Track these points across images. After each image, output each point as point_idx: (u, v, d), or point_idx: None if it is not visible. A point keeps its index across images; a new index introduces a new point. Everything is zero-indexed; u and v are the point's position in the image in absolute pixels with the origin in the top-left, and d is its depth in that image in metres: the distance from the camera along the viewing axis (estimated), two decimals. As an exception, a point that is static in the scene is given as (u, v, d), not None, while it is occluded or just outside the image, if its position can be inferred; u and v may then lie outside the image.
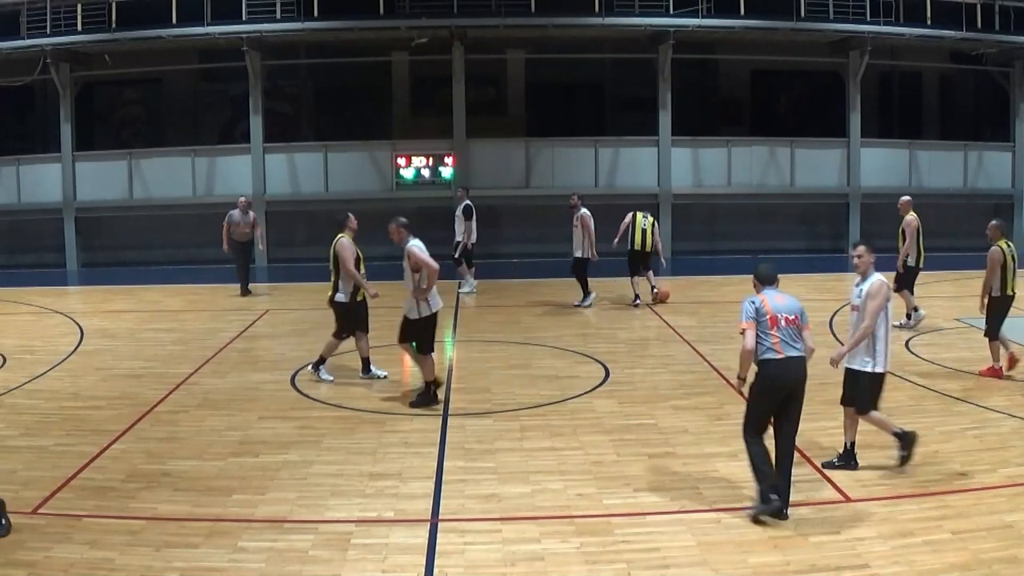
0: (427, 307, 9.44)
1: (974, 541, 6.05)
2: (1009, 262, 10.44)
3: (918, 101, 24.95)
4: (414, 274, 9.37)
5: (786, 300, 6.90)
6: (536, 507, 6.85)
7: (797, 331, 6.76)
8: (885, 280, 7.39)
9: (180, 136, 22.77)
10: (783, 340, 6.68)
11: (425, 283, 9.33)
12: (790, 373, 6.70)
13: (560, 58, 22.40)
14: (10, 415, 9.30)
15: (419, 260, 9.31)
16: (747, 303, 6.85)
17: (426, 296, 9.35)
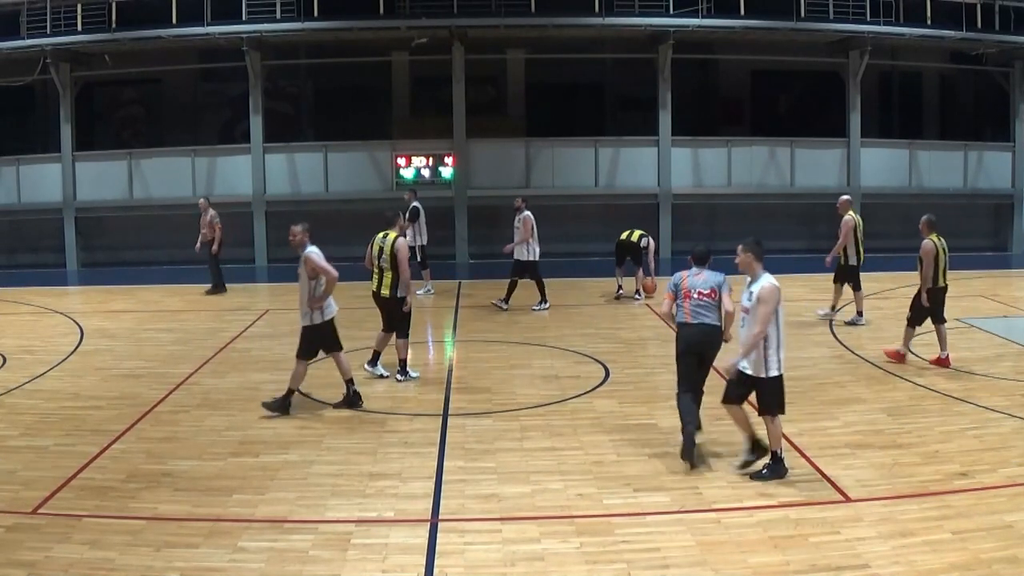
0: (320, 315, 9.21)
1: (974, 541, 6.05)
2: (941, 255, 11.19)
3: (918, 101, 24.95)
4: (310, 281, 9.17)
5: (705, 277, 8.16)
6: (536, 507, 6.85)
7: (712, 303, 8.02)
8: (776, 284, 7.17)
9: (180, 136, 22.77)
10: (693, 310, 8.04)
11: (321, 291, 9.12)
12: (698, 336, 8.04)
13: (560, 58, 22.40)
14: (10, 415, 9.31)
15: (317, 267, 9.12)
16: (671, 279, 8.31)
17: (321, 304, 9.15)
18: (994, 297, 15.98)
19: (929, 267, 11.14)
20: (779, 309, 7.17)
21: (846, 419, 8.88)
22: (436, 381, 10.80)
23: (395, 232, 10.63)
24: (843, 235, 13.56)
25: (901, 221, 23.15)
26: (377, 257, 10.64)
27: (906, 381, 10.26)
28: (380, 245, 10.63)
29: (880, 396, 9.68)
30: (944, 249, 11.30)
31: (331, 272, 9.14)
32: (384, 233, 10.70)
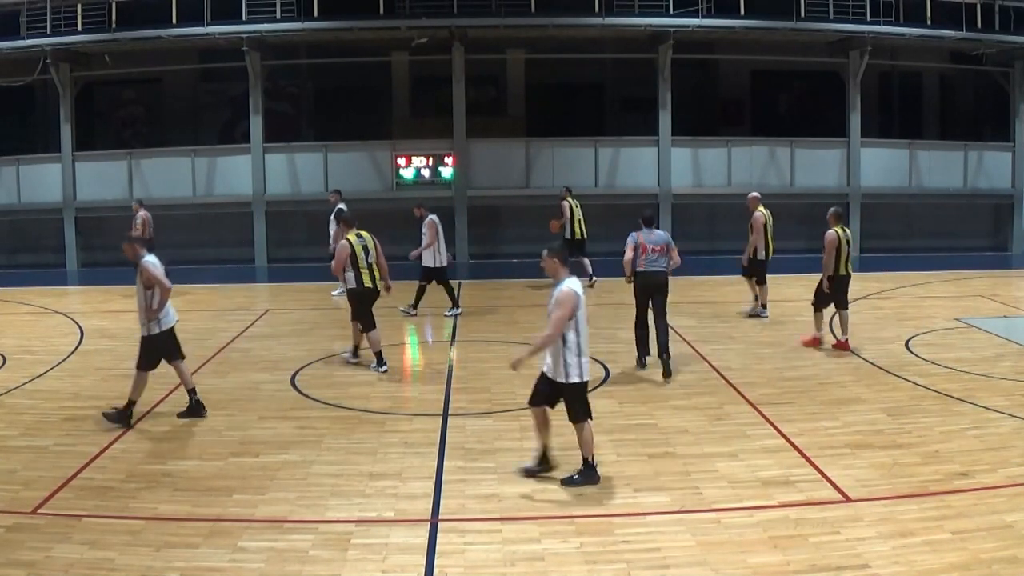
0: (158, 325, 9.06)
1: (974, 541, 6.05)
2: (843, 245, 11.89)
3: (918, 101, 24.96)
4: (146, 291, 9.08)
5: (655, 235, 10.88)
6: (536, 507, 6.85)
7: (662, 254, 10.76)
8: (574, 289, 7.08)
9: (180, 136, 22.78)
10: (648, 260, 10.70)
11: (156, 301, 9.01)
12: (652, 279, 10.78)
13: (560, 58, 22.40)
14: (10, 415, 9.30)
15: (152, 277, 9.04)
16: (630, 236, 10.78)
17: (157, 315, 9.03)
18: (994, 297, 15.98)
19: (831, 256, 11.79)
20: (579, 315, 7.09)
21: (846, 419, 8.87)
22: (436, 381, 10.79)
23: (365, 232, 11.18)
24: (756, 231, 13.88)
25: (901, 221, 23.22)
26: (365, 256, 10.98)
27: (906, 381, 10.26)
28: (365, 244, 11.07)
29: (880, 396, 9.68)
30: (848, 241, 12.00)
31: (164, 283, 9.02)
32: (358, 233, 11.15)
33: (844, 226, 12.17)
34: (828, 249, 11.80)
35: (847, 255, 12.01)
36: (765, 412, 9.13)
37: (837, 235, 11.84)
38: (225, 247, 22.18)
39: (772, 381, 10.39)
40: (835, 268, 11.89)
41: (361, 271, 10.90)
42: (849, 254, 12.08)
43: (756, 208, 14.13)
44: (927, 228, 23.25)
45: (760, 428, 8.67)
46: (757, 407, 9.33)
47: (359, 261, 10.89)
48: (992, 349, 11.93)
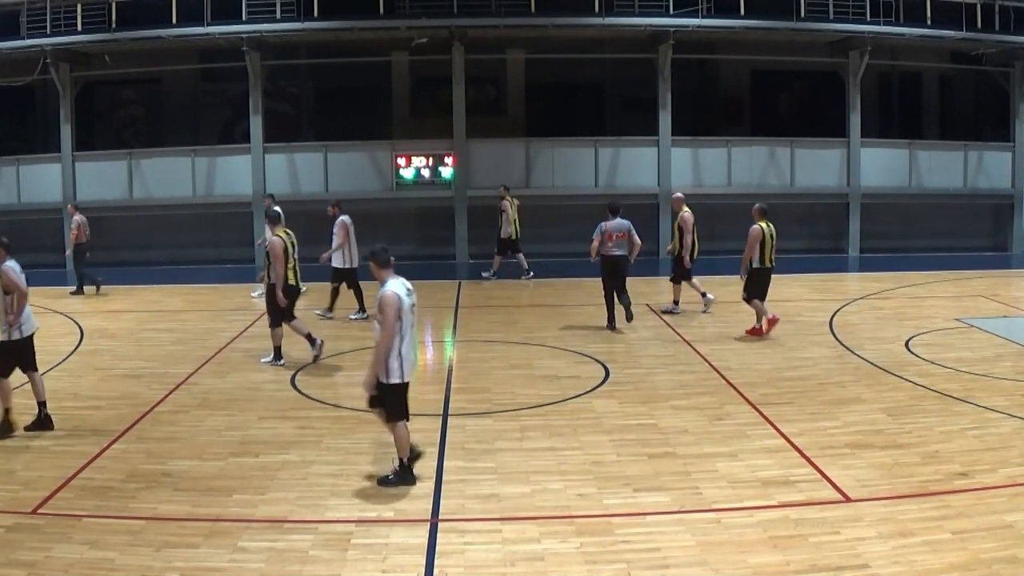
0: (19, 331, 8.92)
1: (974, 541, 6.05)
2: (767, 239, 12.60)
3: (918, 101, 24.96)
4: (5, 296, 8.96)
5: (618, 223, 13.11)
6: (536, 507, 6.85)
7: (622, 239, 13.05)
8: (395, 292, 7.10)
9: (180, 136, 22.77)
10: (613, 245, 13.01)
11: (15, 307, 8.86)
12: (613, 262, 13.11)
13: (560, 58, 22.40)
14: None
15: (11, 283, 8.93)
16: (598, 227, 13.04)
17: (17, 320, 8.88)
18: (994, 297, 15.98)
19: (752, 249, 12.62)
20: (403, 316, 7.08)
21: (846, 419, 8.87)
22: (436, 381, 10.80)
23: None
24: (688, 231, 14.15)
25: (901, 221, 23.22)
26: (293, 252, 11.41)
27: (906, 381, 10.26)
28: (293, 243, 11.46)
29: (880, 396, 9.68)
30: (772, 235, 12.71)
31: (22, 289, 8.91)
32: (286, 231, 11.63)
33: (769, 221, 12.84)
34: (751, 243, 12.60)
35: (771, 249, 12.72)
36: (765, 412, 9.13)
37: (762, 229, 12.61)
38: (225, 247, 22.17)
39: (772, 381, 10.39)
40: (760, 260, 12.63)
41: (288, 269, 11.22)
42: (773, 248, 12.77)
43: (681, 208, 14.43)
44: (927, 228, 23.25)
45: (760, 428, 8.67)
46: (757, 407, 9.33)
47: (288, 259, 11.19)
48: (992, 349, 11.93)
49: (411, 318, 7.19)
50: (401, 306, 7.06)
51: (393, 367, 7.18)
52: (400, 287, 7.15)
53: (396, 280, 7.21)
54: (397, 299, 7.05)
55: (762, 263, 12.65)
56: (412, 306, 7.23)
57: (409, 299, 7.17)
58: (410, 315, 7.17)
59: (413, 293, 7.28)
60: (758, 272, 12.69)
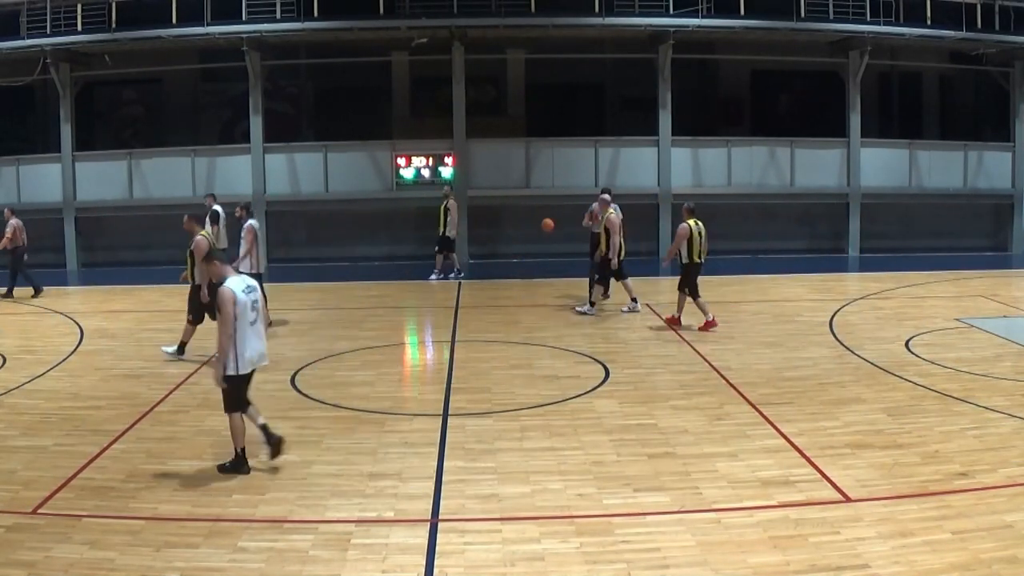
0: None
1: (974, 541, 6.05)
2: (695, 236, 13.35)
3: (918, 101, 24.95)
4: None
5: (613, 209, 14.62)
6: (536, 507, 6.85)
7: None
8: (231, 288, 7.38)
9: (180, 136, 22.77)
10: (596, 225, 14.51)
11: None
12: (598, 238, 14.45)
13: (560, 58, 22.39)
14: (10, 415, 9.30)
15: None
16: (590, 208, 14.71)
17: None
18: (994, 297, 15.98)
19: (678, 245, 13.38)
20: (236, 311, 7.33)
21: (846, 419, 8.87)
22: (436, 381, 10.80)
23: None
24: (614, 232, 14.31)
25: (901, 221, 23.23)
26: None
27: (906, 381, 10.26)
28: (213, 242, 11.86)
29: (880, 396, 9.68)
30: (700, 232, 13.44)
31: None
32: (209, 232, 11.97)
33: (697, 219, 13.56)
34: (677, 239, 13.46)
35: (699, 246, 13.40)
36: (765, 412, 9.14)
37: (690, 227, 13.37)
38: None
39: (772, 381, 10.39)
40: (689, 257, 13.33)
41: None
42: (702, 245, 13.45)
43: (606, 210, 14.57)
44: (927, 228, 23.24)
45: (760, 428, 8.67)
46: (757, 407, 9.33)
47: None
48: (992, 349, 11.93)
49: (251, 315, 7.50)
50: (237, 301, 7.35)
51: (230, 360, 7.46)
52: (238, 284, 7.47)
53: (236, 278, 7.59)
54: (232, 294, 7.36)
55: (691, 258, 13.36)
56: (254, 303, 7.54)
57: (248, 296, 7.48)
58: (250, 312, 7.49)
59: (254, 291, 7.58)
60: (687, 267, 13.41)
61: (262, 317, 7.72)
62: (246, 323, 7.45)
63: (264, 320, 7.90)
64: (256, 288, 7.65)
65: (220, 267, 7.67)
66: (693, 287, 13.46)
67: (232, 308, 7.32)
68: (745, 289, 17.27)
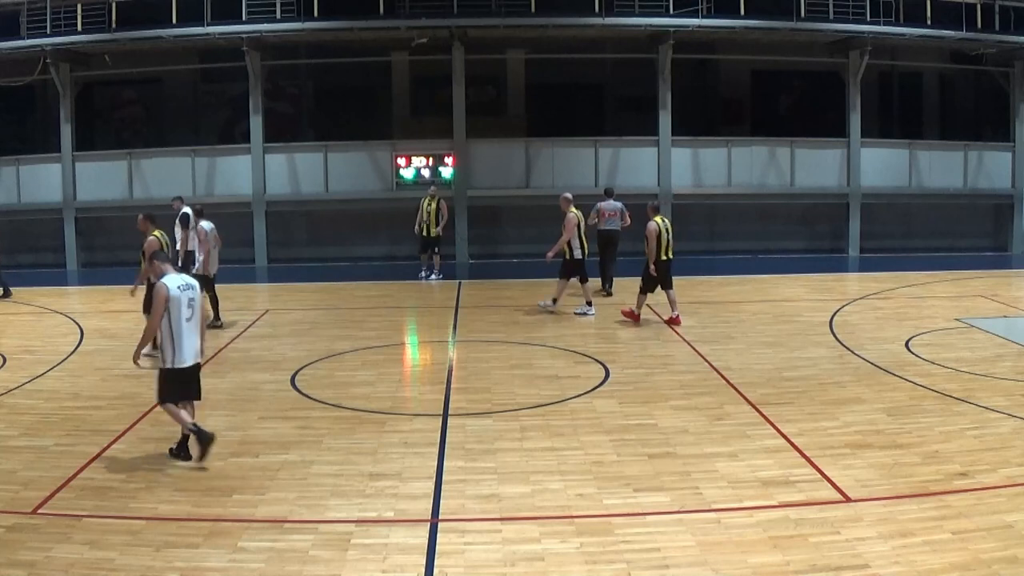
0: None
1: (974, 541, 6.05)
2: (663, 234, 13.56)
3: (918, 101, 24.95)
4: None
5: (611, 204, 16.12)
6: (536, 507, 6.85)
7: (616, 218, 16.08)
8: (166, 284, 7.71)
9: (180, 136, 22.78)
10: (607, 222, 15.90)
11: None
12: (608, 235, 16.02)
13: (560, 58, 22.39)
14: (10, 415, 9.30)
15: None
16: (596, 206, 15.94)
17: None
18: (994, 297, 15.98)
19: (653, 244, 13.48)
20: (171, 308, 7.68)
21: (846, 419, 8.88)
22: (436, 381, 10.80)
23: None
24: (568, 231, 14.38)
25: (901, 221, 23.23)
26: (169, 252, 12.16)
27: (906, 381, 10.26)
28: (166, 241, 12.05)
29: (880, 396, 9.68)
30: (667, 229, 13.67)
31: None
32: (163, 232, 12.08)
33: (663, 216, 13.96)
34: (650, 239, 13.49)
35: (667, 242, 13.64)
36: (765, 412, 9.14)
37: (658, 225, 13.56)
38: (225, 247, 22.08)
39: (772, 381, 10.39)
40: (657, 254, 13.50)
41: None
42: (669, 241, 13.71)
43: (568, 209, 14.66)
44: (927, 228, 23.25)
45: (760, 428, 8.67)
46: (757, 407, 9.33)
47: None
48: (992, 349, 11.93)
49: (187, 311, 7.79)
50: (169, 297, 7.69)
51: (167, 353, 7.79)
52: (173, 281, 7.82)
53: (173, 275, 7.94)
54: (167, 290, 7.72)
55: (658, 256, 13.59)
56: (190, 300, 7.84)
57: (182, 293, 7.79)
58: (185, 309, 7.78)
59: (190, 289, 7.89)
60: (657, 265, 13.62)
61: (199, 315, 7.97)
62: (181, 319, 7.74)
63: (202, 319, 8.14)
64: (193, 287, 7.93)
65: (160, 266, 8.05)
66: (653, 285, 13.71)
67: (163, 302, 7.68)
68: (745, 289, 17.27)
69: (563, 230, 14.48)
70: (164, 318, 7.68)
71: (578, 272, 14.68)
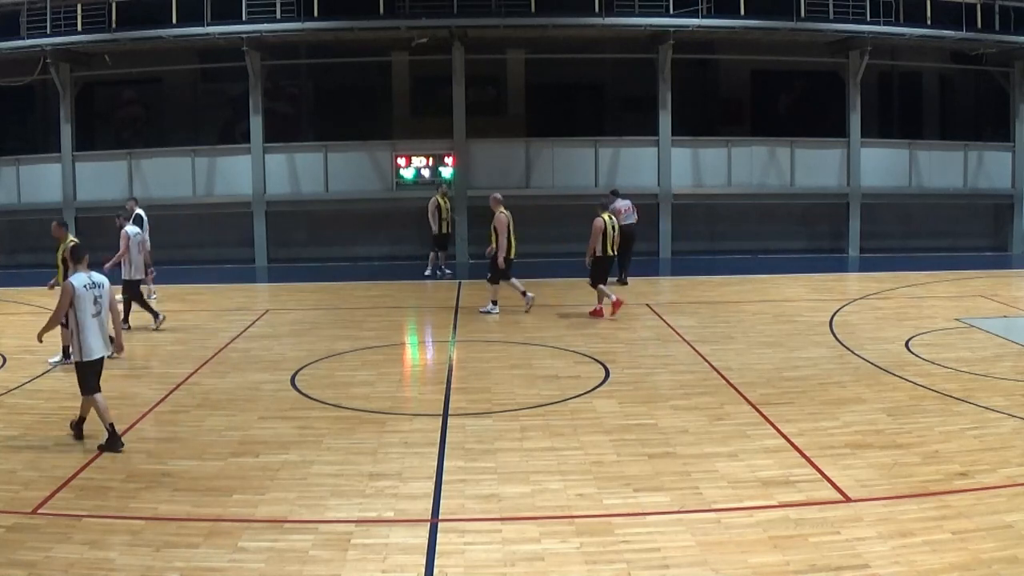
0: None
1: (974, 541, 6.05)
2: (609, 231, 14.14)
3: (918, 101, 24.94)
4: None
5: (623, 201, 16.81)
6: (536, 507, 6.85)
7: (631, 212, 16.87)
8: (71, 282, 8.19)
9: (180, 136, 22.77)
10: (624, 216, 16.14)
11: None
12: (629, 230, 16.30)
13: (560, 58, 22.39)
14: (10, 415, 9.31)
15: None
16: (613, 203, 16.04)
17: None
18: (994, 297, 15.98)
19: (596, 239, 14.06)
20: (76, 304, 8.13)
21: (846, 419, 8.88)
22: (436, 381, 10.80)
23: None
24: (501, 232, 14.58)
25: (901, 221, 23.24)
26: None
27: (906, 381, 10.26)
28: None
29: (880, 396, 9.68)
30: (614, 227, 14.34)
31: None
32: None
33: (611, 214, 14.59)
34: (594, 234, 14.07)
35: (612, 239, 14.23)
36: (765, 412, 9.14)
37: (604, 221, 14.14)
38: (225, 247, 22.19)
39: (772, 381, 10.39)
40: (604, 250, 14.13)
41: None
42: (615, 238, 14.31)
43: (498, 209, 14.82)
44: (927, 228, 23.25)
45: (760, 428, 8.67)
46: (757, 407, 9.33)
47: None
48: (992, 349, 11.93)
49: (92, 308, 8.22)
50: (75, 294, 8.13)
51: (75, 348, 8.26)
52: (81, 279, 8.25)
53: (82, 274, 8.34)
54: (73, 287, 8.17)
55: (604, 252, 14.15)
56: (96, 298, 8.24)
57: (89, 291, 8.21)
58: (91, 305, 8.21)
59: (98, 287, 8.28)
60: (601, 260, 14.18)
61: (107, 313, 8.36)
62: (87, 315, 8.17)
63: (111, 317, 8.51)
64: (102, 285, 8.32)
65: (75, 266, 8.60)
66: (604, 277, 14.34)
67: (68, 297, 8.13)
68: (745, 289, 17.27)
69: (497, 231, 14.61)
70: (72, 314, 8.13)
71: (504, 273, 14.76)
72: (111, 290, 8.54)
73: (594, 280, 14.30)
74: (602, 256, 14.20)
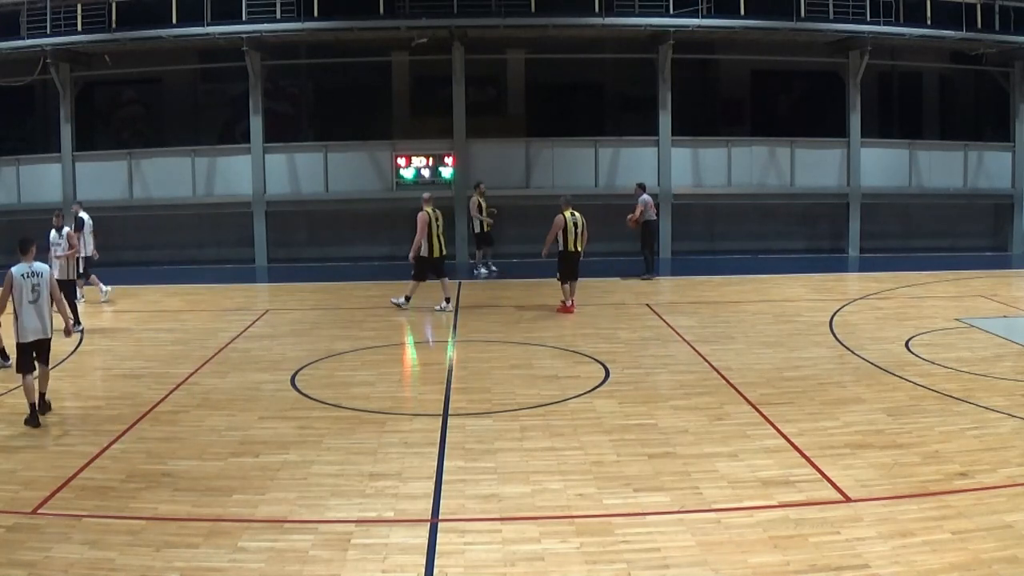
0: None
1: (974, 541, 6.05)
2: (570, 227, 14.44)
3: (918, 101, 24.95)
4: None
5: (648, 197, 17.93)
6: (536, 507, 6.85)
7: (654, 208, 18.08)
8: (11, 270, 8.94)
9: (180, 136, 22.77)
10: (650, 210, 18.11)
11: None
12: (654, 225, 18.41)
13: (560, 58, 22.39)
14: (10, 415, 9.30)
15: None
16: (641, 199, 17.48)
17: None
18: (994, 297, 15.98)
19: (553, 234, 14.53)
20: (14, 292, 8.89)
21: (846, 419, 8.88)
22: (436, 381, 10.80)
23: None
24: (420, 231, 14.80)
25: (901, 221, 23.24)
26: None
27: (906, 381, 10.26)
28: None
29: (880, 396, 9.68)
30: (575, 223, 14.50)
31: None
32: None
33: (573, 211, 14.64)
34: (553, 229, 14.53)
35: (575, 236, 14.50)
36: (765, 412, 9.14)
37: (564, 219, 14.48)
38: (225, 247, 22.19)
39: (772, 381, 10.39)
40: (565, 246, 14.47)
41: None
42: (577, 235, 14.53)
43: (424, 207, 15.07)
44: (927, 228, 23.26)
45: (760, 428, 8.67)
46: (757, 407, 9.33)
47: None
48: (992, 349, 11.93)
49: (30, 295, 8.94)
50: (13, 282, 8.90)
51: (19, 330, 8.95)
52: (21, 269, 8.98)
53: (23, 264, 9.03)
54: (12, 276, 8.93)
55: (566, 248, 14.49)
56: (33, 286, 8.96)
57: (27, 280, 8.95)
58: (29, 293, 8.94)
59: (36, 277, 9.01)
60: (564, 256, 14.55)
61: (46, 302, 9.03)
62: (25, 301, 8.93)
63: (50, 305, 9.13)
64: (39, 274, 9.02)
65: (22, 257, 9.11)
66: (572, 272, 14.60)
67: (8, 286, 8.90)
68: (745, 289, 17.27)
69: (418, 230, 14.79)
70: (11, 300, 8.89)
71: (428, 272, 14.95)
72: (53, 279, 9.26)
73: (562, 276, 14.63)
74: (564, 251, 14.53)
